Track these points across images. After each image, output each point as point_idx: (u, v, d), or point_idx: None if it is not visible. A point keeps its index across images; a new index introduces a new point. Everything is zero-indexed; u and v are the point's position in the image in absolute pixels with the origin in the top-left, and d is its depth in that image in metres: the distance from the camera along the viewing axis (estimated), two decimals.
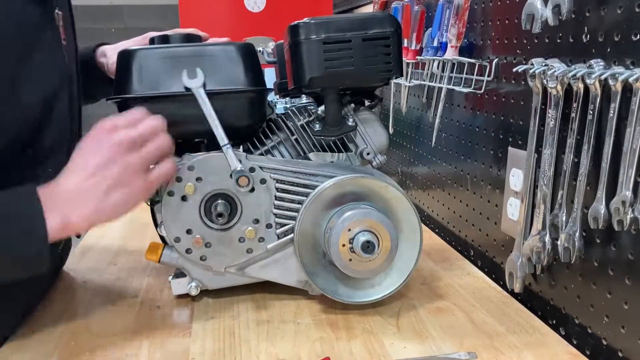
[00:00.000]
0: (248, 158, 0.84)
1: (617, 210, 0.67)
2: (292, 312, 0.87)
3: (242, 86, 0.84)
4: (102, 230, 1.32)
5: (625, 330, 0.70)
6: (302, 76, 0.82)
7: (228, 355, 0.75)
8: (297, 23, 0.82)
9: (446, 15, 1.09)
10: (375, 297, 0.86)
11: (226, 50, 0.85)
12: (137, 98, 0.82)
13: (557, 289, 0.84)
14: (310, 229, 0.84)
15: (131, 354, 0.75)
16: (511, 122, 0.95)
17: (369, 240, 0.80)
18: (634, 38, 0.67)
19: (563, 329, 0.83)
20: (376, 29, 0.82)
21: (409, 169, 1.50)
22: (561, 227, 0.78)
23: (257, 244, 0.86)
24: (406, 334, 0.79)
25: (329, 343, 0.77)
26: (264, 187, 0.84)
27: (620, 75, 0.65)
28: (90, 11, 4.83)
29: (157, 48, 0.86)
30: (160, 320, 0.85)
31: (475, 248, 1.11)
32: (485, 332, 0.79)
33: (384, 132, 0.93)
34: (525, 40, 0.89)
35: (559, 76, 0.76)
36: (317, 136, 0.89)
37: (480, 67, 1.02)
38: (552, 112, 0.78)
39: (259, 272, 0.88)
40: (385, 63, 0.82)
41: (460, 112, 1.14)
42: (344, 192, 0.84)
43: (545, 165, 0.81)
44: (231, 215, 0.85)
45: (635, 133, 0.64)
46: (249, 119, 0.87)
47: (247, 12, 2.22)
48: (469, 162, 1.12)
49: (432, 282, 0.97)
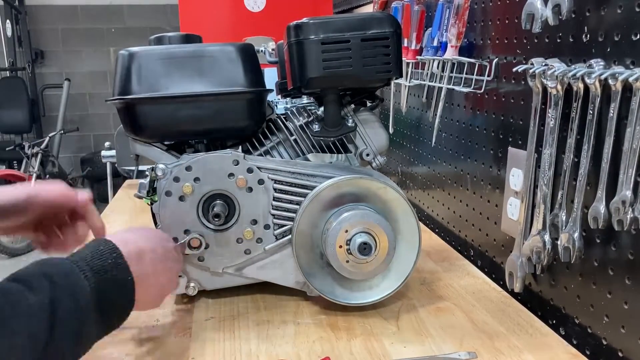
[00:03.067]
0: (246, 158, 0.84)
1: (617, 210, 0.67)
2: (292, 312, 0.87)
3: (242, 87, 0.84)
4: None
5: (625, 330, 0.70)
6: (301, 76, 0.82)
7: (228, 356, 0.75)
8: (295, 23, 0.81)
9: (446, 15, 1.09)
10: (372, 298, 0.86)
11: (226, 51, 0.84)
12: (137, 99, 0.82)
13: (557, 289, 0.84)
14: (308, 230, 0.84)
15: (131, 354, 0.75)
16: (511, 122, 0.95)
17: (366, 242, 0.79)
18: (634, 38, 0.66)
19: (563, 329, 0.83)
20: (375, 29, 0.81)
21: (409, 169, 1.50)
22: (561, 227, 0.78)
23: (255, 244, 0.86)
24: (406, 334, 0.79)
25: (329, 343, 0.77)
26: (262, 188, 0.84)
27: (620, 75, 0.65)
28: (90, 11, 4.84)
29: (156, 49, 0.86)
30: (160, 321, 0.85)
31: (475, 248, 1.11)
32: (485, 332, 0.79)
33: (384, 133, 0.93)
34: (525, 40, 0.89)
35: (559, 76, 0.75)
36: (316, 137, 0.89)
37: (480, 66, 1.02)
38: (552, 112, 0.78)
39: (257, 273, 0.88)
40: (384, 64, 0.82)
41: (460, 112, 1.14)
42: (342, 193, 0.84)
43: (545, 165, 0.80)
44: (229, 215, 0.85)
45: (635, 133, 0.64)
46: (248, 120, 0.87)
47: (247, 12, 2.22)
48: (469, 162, 1.12)
49: (432, 282, 0.97)
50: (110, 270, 0.60)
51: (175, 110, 0.82)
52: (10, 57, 4.71)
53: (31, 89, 4.71)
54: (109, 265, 0.60)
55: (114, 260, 0.61)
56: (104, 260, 0.60)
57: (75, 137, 4.82)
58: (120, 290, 0.60)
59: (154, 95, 0.82)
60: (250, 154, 0.88)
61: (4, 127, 4.55)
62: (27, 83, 4.67)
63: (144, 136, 0.85)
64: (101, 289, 0.58)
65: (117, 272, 0.60)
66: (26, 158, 3.99)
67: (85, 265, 0.58)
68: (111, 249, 0.62)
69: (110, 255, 0.61)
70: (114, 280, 0.60)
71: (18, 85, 4.54)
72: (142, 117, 0.82)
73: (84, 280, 0.56)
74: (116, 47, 4.74)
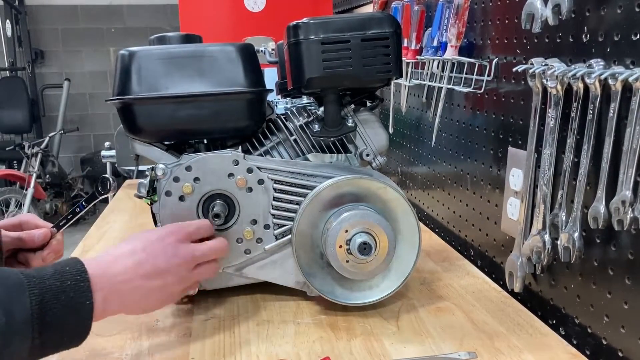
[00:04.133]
0: (246, 158, 0.84)
1: (617, 210, 0.67)
2: (292, 312, 0.87)
3: (242, 87, 0.84)
4: (102, 230, 1.32)
5: (625, 330, 0.70)
6: (301, 76, 0.82)
7: (228, 355, 0.75)
8: (295, 23, 0.81)
9: (446, 15, 1.09)
10: (372, 298, 0.86)
11: (226, 51, 0.84)
12: (137, 99, 0.82)
13: (557, 288, 0.84)
14: (308, 229, 0.84)
15: (131, 354, 0.75)
16: (511, 121, 0.95)
17: (366, 242, 0.79)
18: (633, 38, 0.66)
19: (563, 329, 0.83)
20: (375, 29, 0.81)
21: (409, 168, 1.50)
22: (561, 227, 0.78)
23: (255, 244, 0.86)
24: (406, 334, 0.79)
25: (329, 343, 0.77)
26: (262, 188, 0.84)
27: (620, 74, 0.65)
28: (90, 11, 4.84)
29: (156, 49, 0.86)
30: (160, 321, 0.85)
31: (475, 248, 1.11)
32: (485, 332, 0.79)
33: (384, 133, 0.93)
34: (525, 40, 0.89)
35: (559, 76, 0.75)
36: (316, 137, 0.89)
37: (480, 66, 1.02)
38: (552, 112, 0.78)
39: (257, 273, 0.88)
40: (384, 64, 0.82)
41: (460, 112, 1.14)
42: (342, 193, 0.84)
43: (545, 165, 0.80)
44: (229, 215, 0.85)
45: (635, 133, 0.64)
46: (248, 120, 0.87)
47: (247, 11, 2.22)
48: (469, 162, 1.12)
49: (432, 282, 0.97)
50: (66, 292, 0.59)
51: (175, 110, 0.82)
52: (10, 57, 4.71)
53: (31, 89, 4.71)
54: (67, 286, 0.59)
55: (75, 283, 0.60)
56: (63, 282, 0.59)
57: (75, 137, 4.83)
58: (71, 313, 0.59)
59: (154, 95, 0.82)
60: (250, 154, 0.88)
61: (4, 127, 4.55)
62: (27, 83, 4.67)
63: (143, 136, 0.85)
64: (46, 309, 0.56)
65: (73, 294, 0.59)
66: (26, 158, 3.99)
67: (39, 283, 0.57)
68: (76, 271, 0.61)
69: (73, 277, 0.60)
70: (67, 302, 0.59)
71: (18, 85, 4.55)
72: (142, 117, 0.82)
73: (27, 297, 0.55)
74: (116, 47, 4.75)
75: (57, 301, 0.58)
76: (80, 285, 0.60)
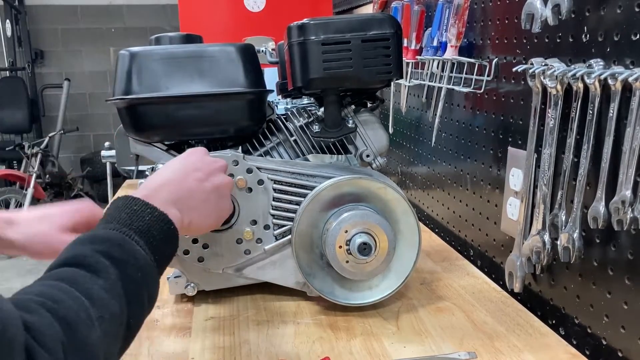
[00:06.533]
0: (246, 159, 0.84)
1: (616, 210, 0.67)
2: (292, 312, 0.87)
3: (242, 88, 0.84)
4: None
5: (625, 330, 0.70)
6: (301, 77, 0.82)
7: (228, 356, 0.75)
8: (296, 24, 0.82)
9: (446, 15, 1.09)
10: (372, 299, 0.86)
11: (226, 51, 0.84)
12: (137, 99, 0.82)
13: (557, 288, 0.84)
14: (308, 230, 0.84)
15: (131, 354, 0.75)
16: (511, 121, 0.95)
17: (366, 242, 0.79)
18: (633, 38, 0.67)
19: (563, 329, 0.83)
20: (376, 30, 0.81)
21: (409, 168, 1.50)
22: (561, 227, 0.78)
23: (254, 245, 0.86)
24: (406, 334, 0.79)
25: (329, 343, 0.77)
26: (262, 188, 0.84)
27: (620, 75, 0.65)
28: (90, 11, 4.84)
29: (157, 49, 0.86)
30: (160, 321, 0.85)
31: (475, 248, 1.11)
32: (485, 332, 0.79)
33: (384, 134, 0.93)
34: (525, 40, 0.89)
35: (559, 76, 0.75)
36: (316, 138, 0.89)
37: (480, 66, 1.02)
38: (552, 112, 0.78)
39: (257, 273, 0.88)
40: (384, 65, 0.82)
41: (460, 112, 1.14)
42: (342, 193, 0.84)
43: (545, 165, 0.80)
44: (229, 216, 0.84)
45: (635, 133, 0.64)
46: (248, 121, 0.87)
47: (247, 12, 2.22)
48: (468, 162, 1.12)
49: (432, 282, 0.97)
50: (153, 227, 0.60)
51: (176, 111, 0.83)
52: (10, 57, 4.71)
53: (31, 89, 4.71)
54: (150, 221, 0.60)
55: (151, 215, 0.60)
56: (142, 219, 0.59)
57: (75, 137, 4.82)
58: (167, 243, 0.61)
59: (154, 95, 0.82)
60: (250, 154, 0.88)
61: (4, 127, 4.55)
62: (27, 83, 4.67)
63: (144, 136, 0.86)
64: (153, 248, 0.58)
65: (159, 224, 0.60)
66: (26, 158, 3.99)
67: (130, 230, 0.58)
68: (144, 205, 0.61)
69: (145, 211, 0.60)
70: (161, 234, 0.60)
71: (18, 85, 4.55)
72: (142, 117, 0.82)
73: (137, 246, 0.56)
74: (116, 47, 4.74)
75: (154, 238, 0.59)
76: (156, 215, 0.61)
